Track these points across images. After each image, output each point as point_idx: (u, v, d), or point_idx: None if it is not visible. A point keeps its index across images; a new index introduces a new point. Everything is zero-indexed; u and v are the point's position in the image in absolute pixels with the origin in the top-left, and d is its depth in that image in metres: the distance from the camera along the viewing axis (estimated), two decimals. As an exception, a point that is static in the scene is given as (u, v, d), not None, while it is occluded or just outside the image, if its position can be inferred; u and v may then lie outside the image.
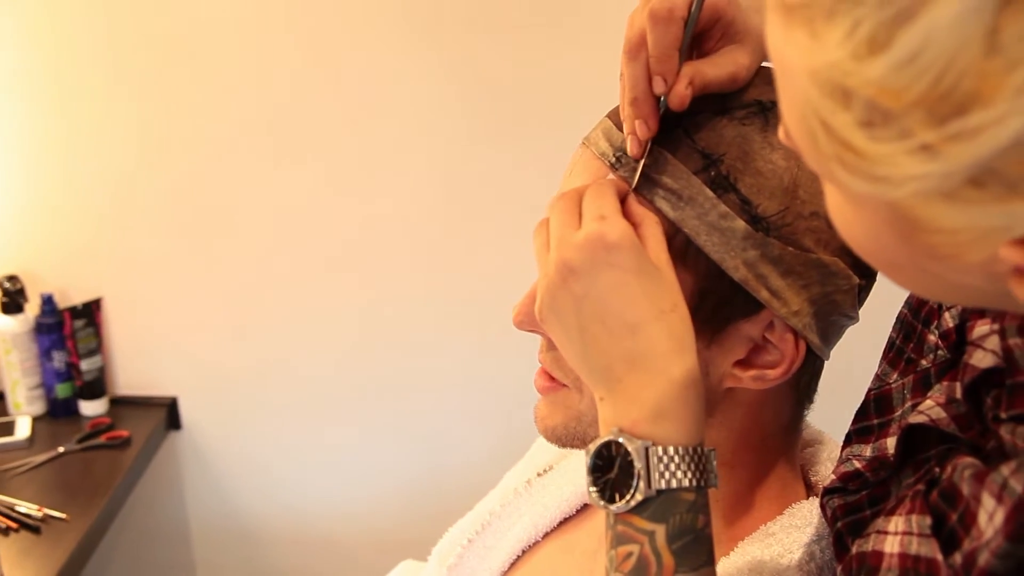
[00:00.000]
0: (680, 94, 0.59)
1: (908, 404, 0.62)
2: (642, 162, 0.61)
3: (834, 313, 0.64)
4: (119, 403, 1.77)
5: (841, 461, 0.65)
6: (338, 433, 1.79)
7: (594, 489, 0.58)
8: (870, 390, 0.66)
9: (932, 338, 0.62)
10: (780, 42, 0.39)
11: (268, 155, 1.64)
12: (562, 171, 0.69)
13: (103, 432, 1.67)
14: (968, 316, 0.58)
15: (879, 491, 0.61)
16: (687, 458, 0.56)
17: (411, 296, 1.70)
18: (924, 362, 0.62)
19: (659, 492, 0.55)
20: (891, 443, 0.61)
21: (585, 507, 0.84)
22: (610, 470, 0.57)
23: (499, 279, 1.64)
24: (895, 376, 0.64)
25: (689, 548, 0.55)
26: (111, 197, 1.68)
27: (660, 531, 0.55)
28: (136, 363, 1.77)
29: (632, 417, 0.57)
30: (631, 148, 0.62)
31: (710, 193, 0.61)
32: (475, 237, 1.65)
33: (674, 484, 0.55)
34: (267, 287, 1.72)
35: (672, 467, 0.55)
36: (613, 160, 0.64)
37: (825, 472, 0.74)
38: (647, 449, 0.55)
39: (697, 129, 0.61)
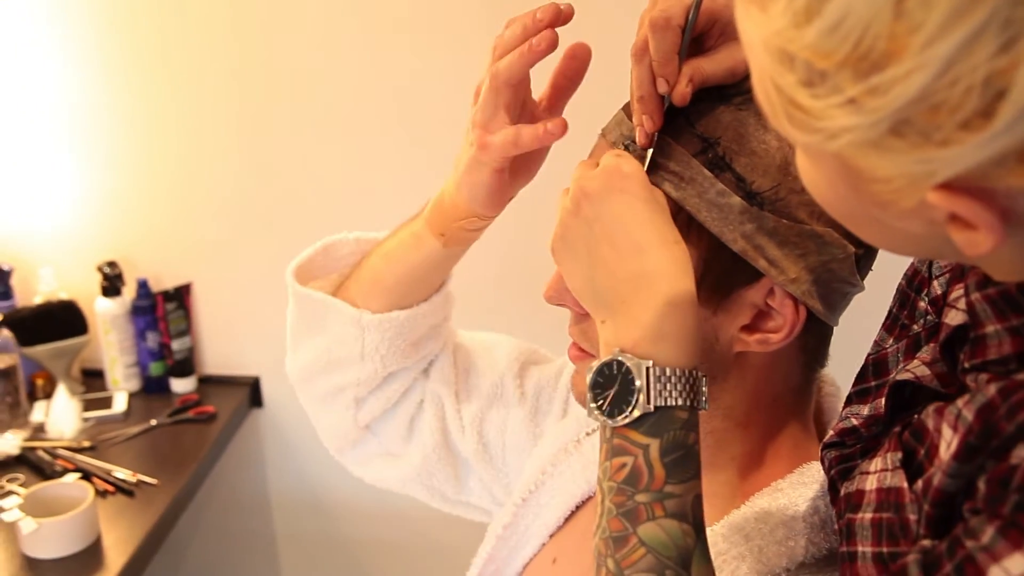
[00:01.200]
0: (682, 92, 0.66)
1: (901, 366, 0.67)
2: (650, 151, 0.68)
3: (834, 281, 0.69)
4: (206, 381, 1.89)
5: (841, 419, 0.71)
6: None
7: (594, 404, 0.62)
8: (869, 355, 0.71)
9: (923, 305, 0.67)
10: (742, 18, 0.45)
11: (353, 147, 1.73)
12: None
13: (191, 408, 1.79)
14: (951, 282, 0.63)
15: (871, 444, 0.66)
16: (683, 379, 0.60)
17: (481, 286, 1.77)
18: (915, 327, 0.67)
19: (656, 409, 0.59)
20: (885, 403, 0.67)
21: None
22: (611, 387, 0.61)
23: (535, 264, 1.69)
24: (891, 341, 0.69)
25: (679, 462, 0.60)
26: (201, 190, 1.80)
27: (654, 445, 0.60)
28: (222, 344, 1.89)
29: (633, 337, 0.61)
30: (639, 138, 0.68)
31: (708, 173, 0.67)
32: (517, 223, 1.71)
33: (670, 402, 0.59)
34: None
35: (669, 387, 0.59)
36: (623, 148, 0.70)
37: None
38: (648, 368, 0.59)
39: (698, 116, 0.68)
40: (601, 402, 0.62)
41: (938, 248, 0.48)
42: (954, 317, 0.58)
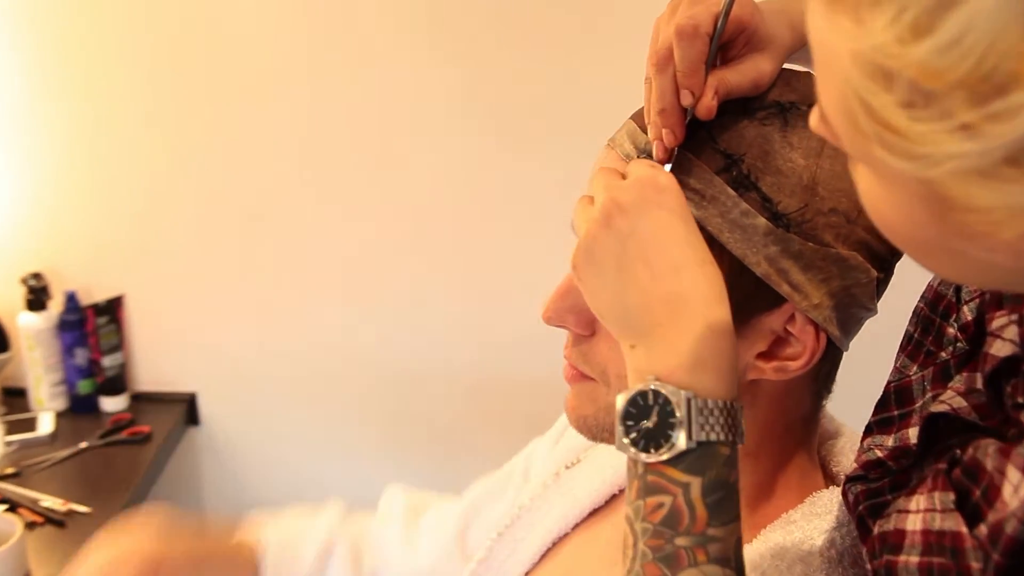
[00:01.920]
0: (707, 106, 0.61)
1: (928, 395, 0.63)
2: (668, 167, 0.64)
3: (853, 305, 0.66)
4: (139, 399, 1.79)
5: (863, 451, 0.67)
6: (355, 427, 1.81)
7: (627, 439, 0.57)
8: (890, 382, 0.68)
9: (951, 331, 0.63)
10: (823, 28, 0.41)
11: (292, 157, 1.66)
12: (570, 177, 0.71)
13: (124, 428, 1.69)
14: (986, 308, 0.60)
15: (901, 478, 0.62)
16: (725, 411, 0.56)
17: (430, 294, 1.72)
18: (943, 354, 0.64)
19: (699, 444, 0.55)
20: (913, 433, 0.63)
21: (613, 498, 0.85)
22: (645, 419, 0.56)
23: (510, 278, 1.67)
24: (914, 368, 0.66)
25: (722, 503, 0.55)
26: (133, 196, 1.70)
27: (695, 484, 0.55)
28: (156, 359, 1.79)
29: (670, 365, 0.56)
30: (657, 153, 0.64)
31: (732, 192, 0.63)
32: (488, 237, 1.68)
33: (713, 437, 0.55)
34: (285, 284, 1.74)
35: (711, 420, 0.55)
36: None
37: (847, 462, 0.76)
38: (690, 400, 0.55)
39: (720, 131, 0.63)
40: (634, 435, 0.57)
41: (1018, 280, 0.44)
42: (1001, 348, 0.55)
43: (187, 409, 1.80)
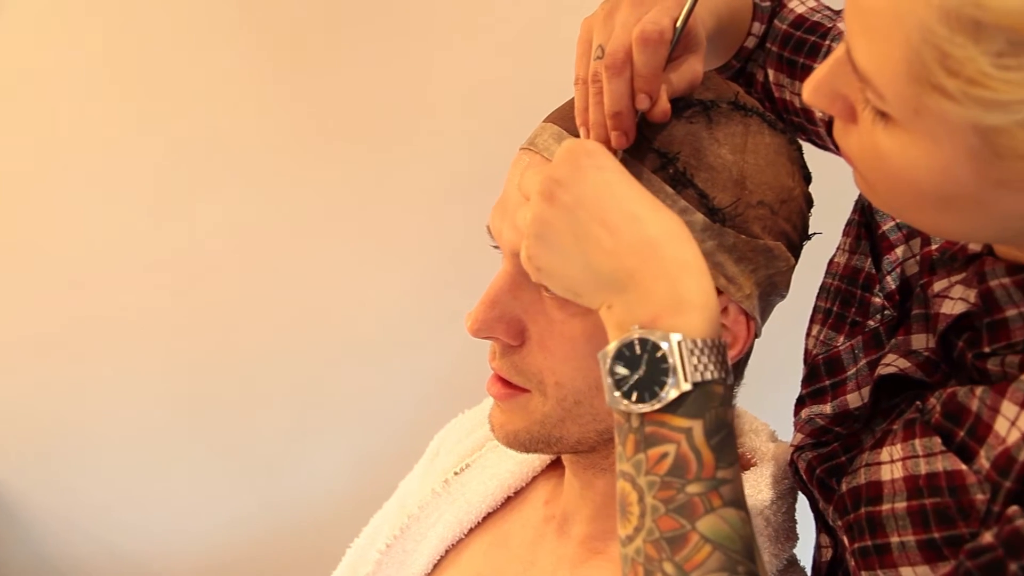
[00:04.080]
0: (664, 109, 0.63)
1: (863, 362, 0.68)
2: None
3: (773, 293, 0.69)
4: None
5: (803, 422, 0.71)
6: (156, 467, 1.68)
7: (618, 393, 0.55)
8: (817, 355, 0.72)
9: (877, 300, 0.69)
10: None
11: (69, 179, 1.51)
12: (387, 189, 0.68)
13: None
14: (918, 277, 0.65)
15: (851, 440, 0.67)
16: (715, 349, 0.55)
17: (230, 319, 1.62)
18: (871, 323, 0.69)
19: (695, 385, 0.54)
20: (852, 398, 0.68)
21: (509, 500, 0.85)
22: (635, 370, 0.55)
23: (324, 298, 1.61)
24: (841, 339, 0.71)
25: (725, 443, 0.54)
26: None
27: (697, 427, 0.54)
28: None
29: (652, 312, 0.55)
30: None
31: (670, 190, 0.64)
32: (292, 254, 1.60)
33: (707, 376, 0.54)
34: (57, 324, 1.58)
35: (703, 359, 0.54)
36: None
37: (751, 443, 0.79)
38: (679, 342, 0.54)
39: (652, 131, 0.65)
40: (626, 388, 0.55)
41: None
42: (953, 307, 0.60)
43: (-37, 469, 1.59)
